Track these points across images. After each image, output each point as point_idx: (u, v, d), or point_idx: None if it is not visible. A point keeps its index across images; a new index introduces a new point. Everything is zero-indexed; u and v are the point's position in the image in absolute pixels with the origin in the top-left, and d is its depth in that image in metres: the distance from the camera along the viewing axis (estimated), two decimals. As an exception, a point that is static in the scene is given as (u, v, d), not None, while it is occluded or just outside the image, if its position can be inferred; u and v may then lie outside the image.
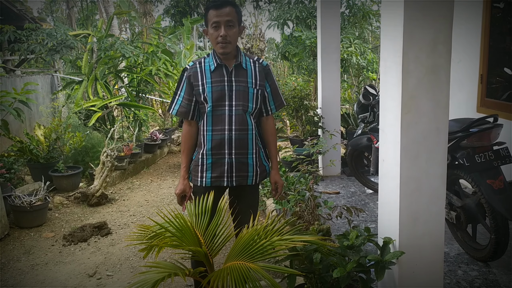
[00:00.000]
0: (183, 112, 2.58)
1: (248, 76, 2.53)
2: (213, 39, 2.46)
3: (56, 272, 3.70)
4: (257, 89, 2.54)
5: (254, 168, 2.59)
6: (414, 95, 2.13)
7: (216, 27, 2.43)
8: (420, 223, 2.25)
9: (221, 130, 2.51)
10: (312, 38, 8.75)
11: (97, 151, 6.31)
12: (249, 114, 2.54)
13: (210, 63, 2.53)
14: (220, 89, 2.49)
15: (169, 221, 2.03)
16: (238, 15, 2.48)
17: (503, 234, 2.89)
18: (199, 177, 2.58)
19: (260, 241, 2.01)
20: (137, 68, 7.83)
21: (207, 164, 2.55)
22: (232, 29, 2.45)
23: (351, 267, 2.05)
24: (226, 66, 2.51)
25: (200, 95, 2.50)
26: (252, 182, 2.60)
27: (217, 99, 2.48)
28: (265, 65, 2.60)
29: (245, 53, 2.62)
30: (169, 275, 1.89)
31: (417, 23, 2.06)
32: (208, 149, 2.53)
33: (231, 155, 2.53)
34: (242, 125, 2.52)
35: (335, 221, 3.88)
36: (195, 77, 2.52)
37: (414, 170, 2.21)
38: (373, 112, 4.51)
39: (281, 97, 2.70)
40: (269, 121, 2.69)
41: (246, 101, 2.51)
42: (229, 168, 2.54)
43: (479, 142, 2.95)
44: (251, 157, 2.57)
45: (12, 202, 4.61)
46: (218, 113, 2.50)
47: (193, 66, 2.55)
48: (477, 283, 2.88)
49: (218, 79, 2.49)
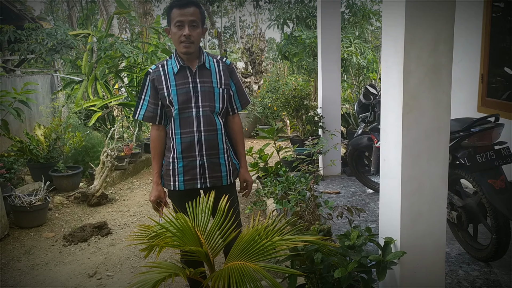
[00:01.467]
0: (150, 117, 2.54)
1: (212, 76, 2.51)
2: (176, 39, 2.43)
3: (56, 272, 3.69)
4: (222, 88, 2.52)
5: (227, 168, 2.58)
6: (416, 95, 2.12)
7: (180, 26, 2.40)
8: (422, 222, 2.25)
9: (190, 132, 2.49)
10: (312, 37, 8.75)
11: (97, 151, 6.31)
12: (217, 114, 2.52)
13: (173, 65, 2.50)
14: (185, 91, 2.46)
15: (170, 221, 2.02)
16: (202, 15, 2.47)
17: (505, 234, 2.88)
18: (172, 181, 2.56)
19: (261, 241, 2.00)
20: (137, 68, 7.82)
21: (178, 168, 2.52)
22: (196, 30, 2.43)
23: (353, 267, 2.04)
24: (189, 68, 2.48)
25: (165, 99, 2.47)
26: (227, 182, 2.58)
27: (183, 101, 2.46)
28: (228, 64, 2.59)
29: (208, 52, 2.60)
30: (170, 275, 1.88)
31: (418, 22, 2.06)
32: (179, 152, 2.51)
33: (202, 157, 2.51)
34: (211, 125, 2.50)
35: (336, 221, 3.87)
36: (159, 81, 2.49)
37: (415, 169, 2.20)
38: (373, 111, 4.50)
39: (246, 95, 2.68)
40: (235, 120, 2.68)
41: (213, 101, 2.50)
42: (202, 170, 2.52)
43: (480, 142, 2.94)
44: (222, 156, 2.56)
45: (12, 202, 4.61)
46: (185, 115, 2.48)
47: (156, 70, 2.52)
48: (478, 283, 2.88)
49: (183, 81, 2.47)
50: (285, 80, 9.97)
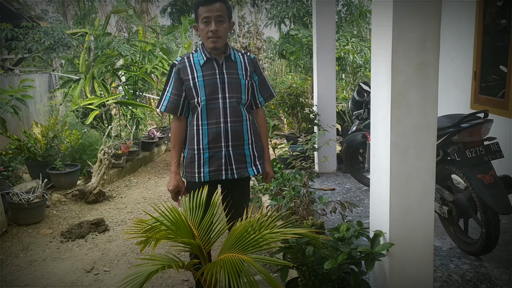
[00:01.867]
0: (172, 108, 2.59)
1: (238, 68, 2.57)
2: (203, 34, 2.49)
3: (54, 268, 3.74)
4: (247, 80, 2.58)
5: (251, 159, 2.62)
6: (404, 91, 2.17)
7: (207, 22, 2.46)
8: (411, 216, 2.30)
9: (217, 123, 2.53)
10: (309, 36, 8.78)
11: (94, 149, 6.35)
12: (243, 105, 2.57)
13: (199, 58, 2.55)
14: (213, 82, 2.51)
15: (164, 214, 2.07)
16: (228, 10, 2.52)
17: (494, 228, 2.94)
18: (196, 173, 2.59)
19: (252, 233, 2.05)
20: (134, 67, 7.86)
21: (204, 159, 2.56)
22: (223, 24, 2.48)
23: (342, 259, 2.10)
24: (216, 60, 2.53)
25: (191, 90, 2.52)
26: (253, 172, 2.64)
27: (210, 92, 2.51)
28: (252, 58, 2.65)
29: (232, 47, 2.65)
30: (163, 267, 1.93)
31: (405, 21, 2.11)
32: (205, 143, 2.54)
33: (228, 147, 2.55)
34: (237, 116, 2.54)
35: (330, 216, 3.92)
36: (185, 72, 2.54)
37: (404, 164, 2.25)
38: (367, 108, 4.55)
39: (270, 89, 2.72)
40: (259, 114, 2.74)
41: (239, 92, 2.55)
42: (227, 161, 2.56)
43: (470, 137, 3.00)
44: (247, 147, 2.60)
45: (10, 199, 4.65)
46: (212, 106, 2.52)
47: (182, 61, 2.57)
48: (469, 276, 2.94)
49: (210, 73, 2.52)
50: (282, 78, 10.02)
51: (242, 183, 2.69)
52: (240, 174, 2.60)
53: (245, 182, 2.72)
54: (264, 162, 2.73)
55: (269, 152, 2.81)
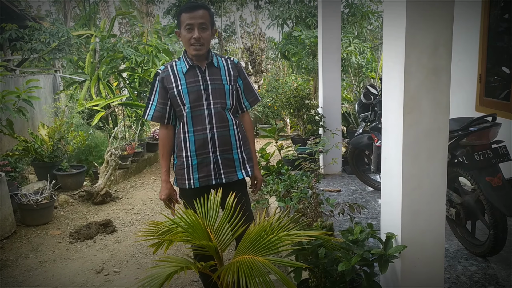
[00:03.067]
0: (159, 117, 2.60)
1: (221, 73, 2.59)
2: (186, 41, 2.51)
3: (64, 268, 3.78)
4: (231, 84, 2.60)
5: (240, 163, 2.65)
6: (416, 96, 2.21)
7: (190, 29, 2.48)
8: (421, 219, 2.33)
9: (203, 129, 2.55)
10: (312, 37, 8.82)
11: (100, 150, 6.39)
12: (228, 111, 2.60)
13: (182, 66, 2.58)
14: (196, 89, 2.53)
15: (181, 217, 2.10)
16: (211, 17, 2.54)
17: (502, 230, 2.97)
18: (186, 180, 2.61)
19: (268, 236, 2.09)
20: (139, 68, 7.90)
21: (192, 166, 2.58)
22: (206, 32, 2.51)
23: (356, 261, 2.13)
24: (198, 67, 2.56)
25: (175, 98, 2.54)
26: (242, 175, 2.65)
27: (195, 99, 2.53)
28: (236, 63, 2.67)
29: (215, 53, 2.68)
30: (181, 269, 1.96)
31: (418, 26, 2.14)
32: (193, 150, 2.56)
33: (216, 153, 2.57)
34: (223, 122, 2.57)
35: (338, 218, 3.96)
36: (168, 80, 2.56)
37: (415, 168, 2.29)
38: (374, 111, 4.59)
39: (254, 92, 2.74)
40: (245, 118, 2.76)
41: (224, 98, 2.57)
42: (216, 166, 2.59)
43: (478, 141, 3.03)
44: (235, 151, 2.63)
45: (19, 200, 4.68)
46: (197, 113, 2.54)
47: (165, 70, 2.59)
48: (476, 277, 2.97)
49: (193, 80, 2.54)
50: (284, 79, 10.05)
51: (236, 186, 2.66)
52: (229, 179, 2.62)
53: (240, 185, 2.71)
54: (253, 165, 2.75)
55: (256, 156, 2.82)
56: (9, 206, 4.47)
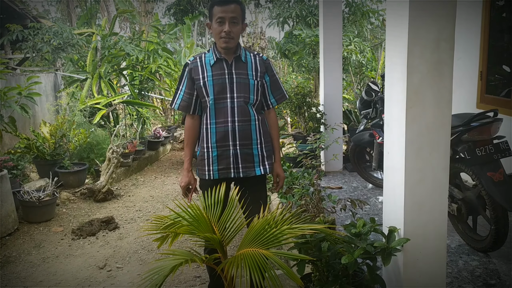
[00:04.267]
0: (185, 106, 2.65)
1: (248, 68, 2.61)
2: (216, 34, 2.54)
3: (67, 264, 3.79)
4: (257, 80, 2.61)
5: (259, 158, 2.65)
6: (418, 91, 2.22)
7: (221, 22, 2.51)
8: (424, 212, 2.35)
9: (224, 122, 2.58)
10: (312, 36, 8.83)
11: (102, 148, 6.41)
12: (251, 105, 2.61)
13: (210, 58, 2.61)
14: (221, 82, 2.56)
15: (185, 210, 2.12)
16: (242, 12, 2.57)
17: (503, 225, 2.99)
18: (206, 171, 2.64)
19: (271, 229, 2.11)
20: (139, 66, 7.91)
21: (213, 157, 2.61)
22: (236, 26, 2.53)
23: (359, 254, 2.15)
24: (225, 60, 2.58)
25: (201, 89, 2.58)
26: (260, 172, 2.66)
27: (219, 92, 2.56)
28: (265, 59, 2.69)
29: (245, 47, 2.70)
30: (186, 261, 1.98)
31: (421, 21, 2.15)
32: (213, 142, 2.60)
33: (236, 147, 2.59)
34: (245, 116, 2.58)
35: (339, 214, 3.97)
36: (196, 71, 2.60)
37: (418, 162, 2.30)
38: (375, 108, 4.60)
39: (282, 90, 2.75)
40: (270, 115, 2.76)
41: (247, 92, 2.59)
42: (235, 160, 2.61)
43: (479, 136, 3.04)
44: (255, 147, 2.64)
45: (21, 197, 4.70)
46: (220, 105, 2.57)
47: (194, 61, 2.64)
48: (478, 272, 2.99)
49: (219, 72, 2.57)
50: (285, 78, 10.06)
51: (255, 181, 2.70)
52: (246, 174, 2.64)
53: (259, 180, 2.74)
54: (273, 162, 2.74)
55: (279, 153, 2.82)
56: (11, 203, 4.48)
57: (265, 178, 2.78)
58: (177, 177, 6.67)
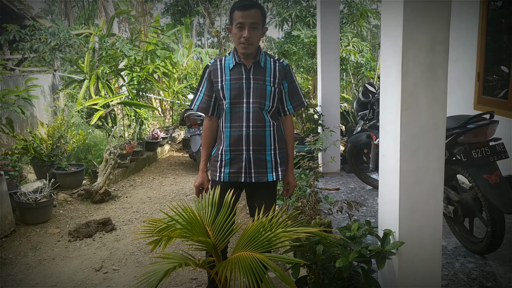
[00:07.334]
0: (204, 108, 2.67)
1: (266, 74, 2.59)
2: (236, 39, 2.53)
3: (63, 266, 3.78)
4: (275, 87, 2.59)
5: (272, 164, 2.63)
6: (413, 93, 2.22)
7: (240, 28, 2.49)
8: (419, 215, 2.34)
9: (239, 127, 2.58)
10: (311, 37, 8.83)
11: (99, 149, 6.39)
12: (266, 112, 2.59)
13: (230, 61, 2.61)
14: (238, 86, 2.56)
15: (179, 213, 2.11)
16: (263, 17, 2.54)
17: (499, 227, 2.99)
18: (218, 172, 2.65)
19: (266, 233, 2.10)
20: (137, 67, 7.90)
21: (225, 160, 2.62)
22: (256, 31, 2.51)
23: (353, 257, 2.14)
24: (244, 65, 2.57)
25: (219, 92, 2.59)
26: (272, 178, 2.63)
27: (235, 96, 2.56)
28: (285, 65, 2.65)
29: (266, 52, 2.67)
30: (180, 265, 1.97)
31: (416, 23, 2.15)
32: (227, 145, 2.60)
33: (249, 152, 2.59)
34: (259, 122, 2.57)
35: (336, 216, 3.97)
36: (215, 74, 2.61)
37: (413, 164, 2.29)
38: (372, 109, 4.60)
39: (300, 97, 2.70)
40: (287, 121, 2.73)
41: (263, 99, 2.57)
42: (247, 164, 2.60)
43: (475, 138, 3.04)
44: (269, 153, 2.62)
45: (18, 199, 4.69)
46: (236, 110, 2.57)
47: (214, 64, 2.64)
48: (474, 274, 2.98)
49: (237, 77, 2.57)
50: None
51: (266, 187, 2.67)
52: (258, 179, 2.62)
53: (270, 186, 2.71)
54: (286, 169, 2.71)
55: (293, 161, 2.78)
56: (8, 204, 4.47)
57: (275, 184, 2.74)
58: (175, 178, 6.66)
